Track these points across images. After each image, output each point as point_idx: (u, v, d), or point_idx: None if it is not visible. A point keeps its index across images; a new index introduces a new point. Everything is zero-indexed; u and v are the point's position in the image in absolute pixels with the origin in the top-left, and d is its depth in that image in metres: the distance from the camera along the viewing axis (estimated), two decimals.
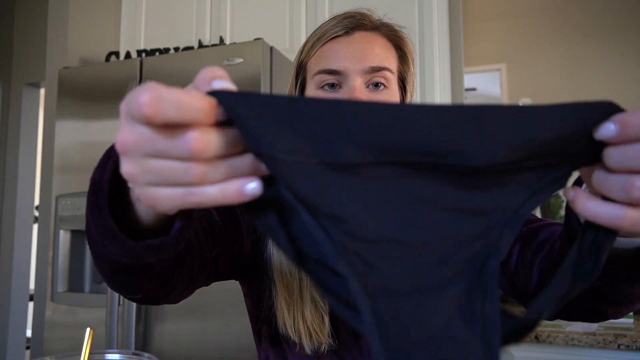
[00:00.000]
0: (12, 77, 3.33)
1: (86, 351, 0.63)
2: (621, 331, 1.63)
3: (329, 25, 0.73)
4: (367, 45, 0.71)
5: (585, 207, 0.33)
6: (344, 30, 0.71)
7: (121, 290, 0.52)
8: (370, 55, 0.70)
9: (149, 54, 2.11)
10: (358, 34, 0.71)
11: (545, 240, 0.58)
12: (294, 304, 0.71)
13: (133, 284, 0.50)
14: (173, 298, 0.59)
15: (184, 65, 1.88)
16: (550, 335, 1.62)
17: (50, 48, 2.36)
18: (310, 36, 0.75)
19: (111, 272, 0.47)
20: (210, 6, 2.36)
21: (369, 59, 0.69)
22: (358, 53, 0.70)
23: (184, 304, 1.77)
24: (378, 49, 0.71)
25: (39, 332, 2.19)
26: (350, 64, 0.69)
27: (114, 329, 1.78)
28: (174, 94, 0.28)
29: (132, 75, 1.94)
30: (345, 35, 0.71)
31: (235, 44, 1.87)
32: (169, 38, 2.37)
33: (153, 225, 0.42)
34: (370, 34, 0.72)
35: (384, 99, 0.70)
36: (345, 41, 0.71)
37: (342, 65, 0.69)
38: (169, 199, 0.31)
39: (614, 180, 0.32)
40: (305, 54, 0.74)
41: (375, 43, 0.72)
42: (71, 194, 1.99)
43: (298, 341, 0.72)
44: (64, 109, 2.07)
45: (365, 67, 0.69)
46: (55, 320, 1.94)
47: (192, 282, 0.60)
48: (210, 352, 1.70)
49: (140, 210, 0.40)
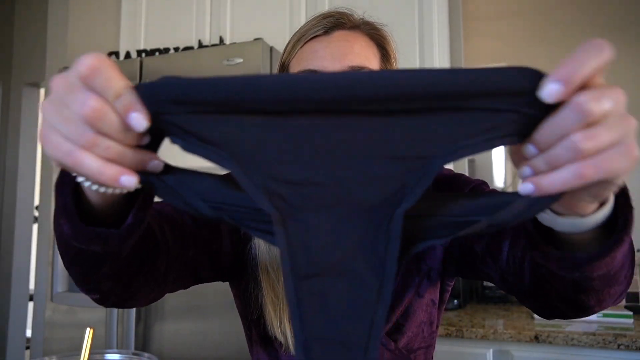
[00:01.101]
0: (12, 77, 3.33)
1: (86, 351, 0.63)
2: (621, 331, 1.63)
3: (309, 25, 0.73)
4: (347, 44, 0.70)
5: (547, 182, 0.34)
6: (323, 30, 0.71)
7: (81, 285, 0.52)
8: (350, 54, 0.70)
9: (149, 54, 2.11)
10: (337, 33, 0.71)
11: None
12: (280, 304, 0.71)
13: (88, 280, 0.50)
14: (139, 301, 0.59)
15: (184, 65, 1.88)
16: (550, 335, 1.62)
17: (50, 48, 2.36)
18: (292, 37, 0.75)
19: (69, 261, 0.48)
20: (210, 6, 2.36)
21: (349, 58, 0.69)
22: (337, 52, 0.70)
23: (184, 304, 1.77)
24: (358, 48, 0.71)
25: (39, 332, 2.19)
26: (329, 63, 0.69)
27: (114, 329, 1.78)
28: (110, 72, 0.33)
29: (132, 75, 1.94)
30: (325, 35, 0.71)
31: (235, 44, 1.87)
32: (169, 38, 2.37)
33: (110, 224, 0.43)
34: (350, 33, 0.72)
35: None
36: (324, 41, 0.71)
37: (322, 65, 0.69)
38: (55, 146, 0.34)
39: (559, 147, 0.33)
40: (287, 54, 0.75)
41: (355, 42, 0.71)
42: None
43: (284, 342, 0.72)
44: None
45: (344, 66, 0.69)
46: (55, 320, 1.94)
47: (159, 285, 0.59)
48: (210, 352, 1.70)
49: (93, 200, 0.42)
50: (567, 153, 0.32)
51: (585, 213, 0.39)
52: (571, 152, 0.32)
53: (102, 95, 0.33)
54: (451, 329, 1.75)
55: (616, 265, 0.44)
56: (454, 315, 1.97)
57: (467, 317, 1.93)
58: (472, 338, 1.73)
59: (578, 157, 0.32)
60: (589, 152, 0.32)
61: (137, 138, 0.36)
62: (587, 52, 0.31)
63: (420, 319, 0.78)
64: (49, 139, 0.34)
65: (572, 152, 0.32)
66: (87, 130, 0.33)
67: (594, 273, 0.43)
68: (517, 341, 1.68)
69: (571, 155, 0.32)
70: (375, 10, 2.26)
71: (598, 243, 0.42)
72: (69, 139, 0.34)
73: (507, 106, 0.33)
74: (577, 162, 0.32)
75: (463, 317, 1.95)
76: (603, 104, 0.32)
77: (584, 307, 0.52)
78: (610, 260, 0.42)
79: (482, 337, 1.72)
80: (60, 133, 0.34)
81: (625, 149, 0.32)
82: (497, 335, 1.70)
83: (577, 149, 0.32)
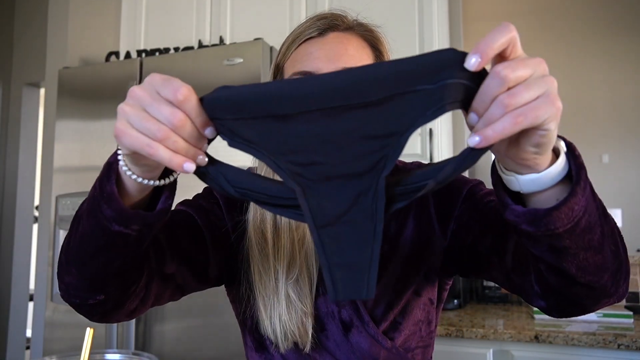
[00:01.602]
0: (12, 77, 3.33)
1: (86, 351, 0.63)
2: (621, 331, 1.63)
3: (303, 27, 0.74)
4: (341, 46, 0.71)
5: (490, 131, 0.41)
6: (317, 32, 0.72)
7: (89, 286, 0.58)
8: (344, 55, 0.70)
9: (149, 54, 2.11)
10: (331, 35, 0.72)
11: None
12: (271, 302, 0.73)
13: (100, 278, 0.57)
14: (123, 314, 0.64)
15: (184, 65, 1.88)
16: (550, 335, 1.62)
17: (50, 48, 2.36)
18: (286, 38, 0.76)
19: (90, 255, 0.55)
20: (210, 6, 2.36)
21: (342, 60, 0.70)
22: (331, 54, 0.70)
23: (184, 304, 1.77)
24: (352, 50, 0.72)
25: (39, 332, 2.19)
26: (323, 65, 0.70)
27: (114, 329, 1.78)
28: (196, 102, 0.46)
29: (132, 75, 1.94)
30: (319, 37, 0.72)
31: (235, 44, 1.87)
32: (169, 38, 2.37)
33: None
34: (344, 35, 0.73)
35: None
36: (318, 42, 0.71)
37: (316, 67, 0.70)
38: (134, 138, 0.45)
39: (492, 108, 0.41)
40: (282, 56, 0.75)
41: (348, 44, 0.72)
42: (71, 194, 1.99)
43: (274, 340, 0.74)
44: (64, 109, 2.07)
45: (338, 68, 0.69)
46: (55, 320, 1.94)
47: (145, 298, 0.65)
48: (210, 352, 1.70)
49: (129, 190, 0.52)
50: (498, 110, 0.41)
51: (539, 168, 0.47)
52: (501, 108, 0.41)
53: (187, 114, 0.46)
54: (451, 328, 1.75)
55: (578, 215, 0.48)
56: (454, 315, 1.97)
57: (467, 317, 1.93)
58: (472, 338, 1.73)
59: (507, 111, 0.40)
60: (515, 105, 0.40)
61: (201, 141, 0.48)
62: (497, 31, 0.41)
63: (417, 318, 0.78)
64: (127, 133, 0.45)
65: (501, 108, 0.41)
66: (162, 129, 0.45)
67: (559, 227, 0.48)
68: (517, 341, 1.68)
69: (502, 111, 0.41)
70: (375, 10, 2.26)
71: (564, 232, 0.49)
72: (146, 134, 0.45)
73: (445, 79, 0.43)
74: (509, 114, 0.40)
75: (463, 317, 1.95)
76: (517, 71, 0.41)
77: (569, 276, 0.53)
78: (568, 210, 0.47)
79: (482, 337, 1.72)
80: (137, 129, 0.45)
81: (548, 99, 0.41)
82: (497, 335, 1.70)
83: (504, 104, 0.40)
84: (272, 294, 0.73)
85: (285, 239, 0.74)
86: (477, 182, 0.77)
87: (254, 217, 0.76)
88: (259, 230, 0.75)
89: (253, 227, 0.76)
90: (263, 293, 0.74)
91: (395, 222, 0.78)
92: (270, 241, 0.74)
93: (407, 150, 2.04)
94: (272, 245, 0.74)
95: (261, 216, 0.76)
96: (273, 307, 0.73)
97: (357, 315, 0.75)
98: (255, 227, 0.76)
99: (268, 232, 0.75)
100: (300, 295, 0.73)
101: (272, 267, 0.74)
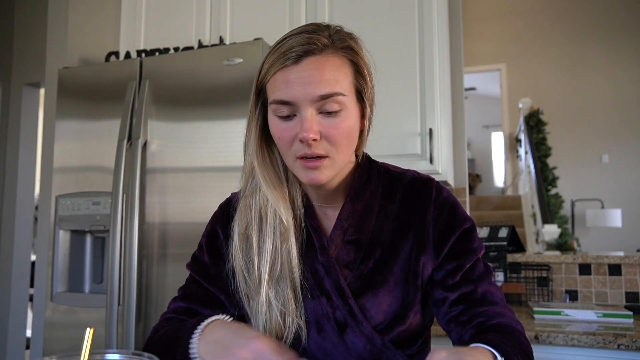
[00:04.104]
0: (12, 77, 3.33)
1: (86, 351, 0.63)
2: (621, 331, 1.63)
3: (283, 47, 0.73)
4: (316, 72, 0.71)
5: None
6: (293, 60, 0.72)
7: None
8: (320, 82, 0.70)
9: (148, 54, 2.10)
10: (307, 61, 0.71)
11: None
12: (255, 305, 0.78)
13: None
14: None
15: (184, 65, 1.88)
16: (550, 335, 1.62)
17: (50, 48, 2.36)
18: (267, 57, 0.76)
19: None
20: (210, 6, 2.36)
21: (319, 88, 0.70)
22: (307, 82, 0.70)
23: None
24: (328, 74, 0.71)
25: (39, 332, 2.19)
26: (300, 93, 0.70)
27: (114, 329, 1.78)
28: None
29: (132, 76, 1.94)
30: (294, 65, 0.72)
31: (235, 44, 1.87)
32: (169, 38, 2.37)
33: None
34: (320, 58, 0.72)
35: (337, 123, 0.72)
36: (295, 70, 0.71)
37: (293, 96, 0.71)
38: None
39: None
40: (263, 76, 0.76)
41: (324, 68, 0.71)
42: (71, 194, 1.99)
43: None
44: (64, 109, 2.07)
45: (314, 96, 0.70)
46: (55, 321, 1.94)
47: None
48: None
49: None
50: None
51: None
52: None
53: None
54: None
55: None
56: None
57: None
58: None
59: None
60: None
61: None
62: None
63: (413, 317, 0.80)
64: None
65: None
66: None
67: None
68: None
69: None
70: (375, 10, 2.25)
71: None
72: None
73: None
74: None
75: None
76: None
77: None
78: None
79: None
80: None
81: None
82: None
83: None
84: (256, 296, 0.78)
85: (269, 243, 0.78)
86: (470, 225, 0.81)
87: (239, 224, 0.80)
88: (243, 236, 0.80)
89: (238, 234, 0.80)
90: (249, 298, 0.79)
91: (393, 231, 0.80)
92: (255, 245, 0.78)
93: (407, 151, 2.04)
94: (257, 249, 0.78)
95: (246, 222, 0.80)
96: (257, 310, 0.78)
97: (351, 315, 0.77)
98: (240, 234, 0.80)
99: (253, 237, 0.79)
100: (284, 297, 0.77)
101: (255, 270, 0.77)
